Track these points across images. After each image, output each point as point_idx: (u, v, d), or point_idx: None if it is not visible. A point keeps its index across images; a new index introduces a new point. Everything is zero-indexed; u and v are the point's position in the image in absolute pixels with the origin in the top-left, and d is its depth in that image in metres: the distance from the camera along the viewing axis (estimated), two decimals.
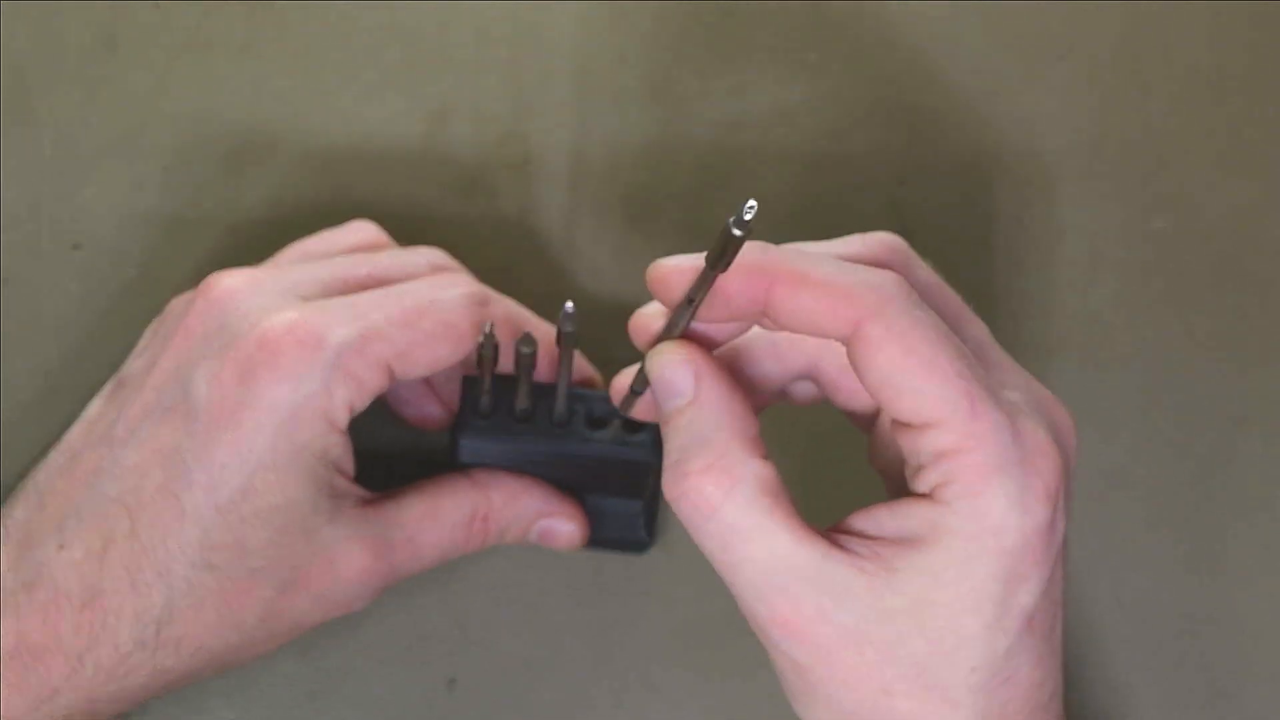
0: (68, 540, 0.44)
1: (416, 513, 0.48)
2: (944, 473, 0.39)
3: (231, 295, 0.46)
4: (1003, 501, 0.39)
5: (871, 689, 0.41)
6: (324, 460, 0.45)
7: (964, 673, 0.40)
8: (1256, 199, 0.59)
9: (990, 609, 0.40)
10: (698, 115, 0.59)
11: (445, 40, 0.59)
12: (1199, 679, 0.53)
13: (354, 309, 0.46)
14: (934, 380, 0.39)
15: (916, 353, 0.39)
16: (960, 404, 0.39)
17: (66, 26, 0.59)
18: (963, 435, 0.39)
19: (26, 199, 0.57)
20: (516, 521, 0.50)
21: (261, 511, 0.44)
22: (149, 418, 0.46)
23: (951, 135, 0.59)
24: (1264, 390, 0.57)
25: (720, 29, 0.60)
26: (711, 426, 0.41)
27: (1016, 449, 0.39)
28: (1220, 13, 0.61)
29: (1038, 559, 0.40)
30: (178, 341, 0.46)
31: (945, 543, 0.40)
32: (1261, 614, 0.54)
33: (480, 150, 0.58)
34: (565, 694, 0.52)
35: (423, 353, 0.46)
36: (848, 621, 0.40)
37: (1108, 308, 0.57)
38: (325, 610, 0.47)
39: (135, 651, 0.44)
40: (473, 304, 0.47)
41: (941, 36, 0.60)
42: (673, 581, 0.54)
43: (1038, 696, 0.42)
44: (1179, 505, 0.55)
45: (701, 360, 0.41)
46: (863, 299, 0.39)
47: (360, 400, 0.45)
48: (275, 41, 0.59)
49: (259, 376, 0.44)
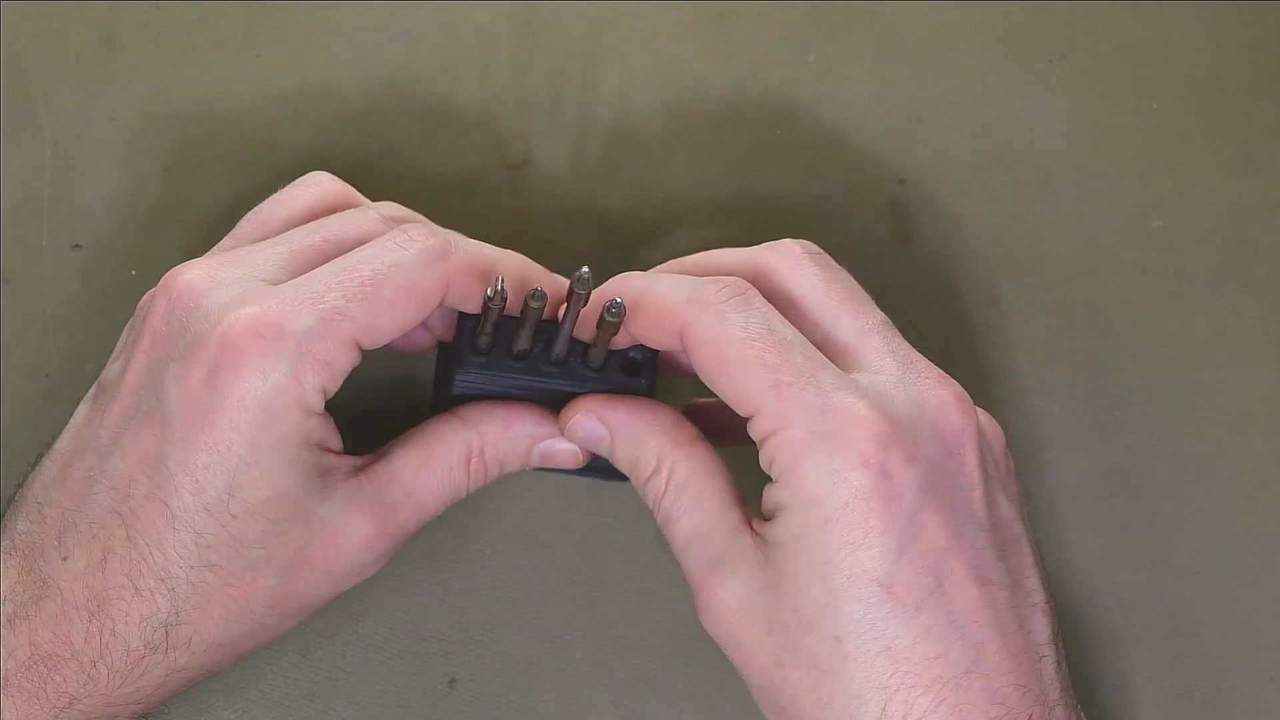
0: (69, 551, 0.44)
1: (410, 465, 0.47)
2: (769, 453, 0.44)
3: (191, 292, 0.45)
4: (814, 472, 0.43)
5: (767, 661, 0.44)
6: (307, 445, 0.45)
7: (830, 642, 0.43)
8: (1256, 199, 0.59)
9: (833, 577, 0.43)
10: (698, 115, 0.59)
11: (445, 40, 0.59)
12: (1199, 679, 0.53)
13: (312, 291, 0.45)
14: (742, 374, 0.44)
15: (725, 353, 0.44)
16: (768, 391, 0.44)
17: (66, 26, 0.59)
18: (774, 418, 0.44)
19: (26, 199, 0.57)
20: (513, 450, 0.49)
21: (252, 506, 0.44)
22: (129, 424, 0.45)
23: (951, 135, 0.59)
24: (1264, 390, 0.57)
25: (720, 29, 0.60)
26: (635, 444, 0.47)
27: (824, 421, 0.43)
28: (1220, 13, 0.61)
29: (871, 525, 0.43)
30: (145, 344, 0.46)
31: (782, 517, 0.44)
32: (1260, 614, 0.54)
33: (480, 150, 0.58)
34: (565, 694, 0.52)
35: (387, 321, 0.45)
36: (740, 592, 0.44)
37: (1108, 308, 0.57)
38: (336, 584, 0.47)
39: (148, 654, 0.44)
40: (432, 261, 0.46)
41: (941, 36, 0.60)
42: (673, 581, 0.54)
43: (939, 670, 0.42)
44: (1179, 505, 0.55)
45: (597, 405, 0.48)
46: (680, 313, 0.45)
47: (331, 382, 0.45)
48: (275, 41, 0.59)
49: (225, 375, 0.44)
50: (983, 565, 0.44)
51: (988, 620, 0.43)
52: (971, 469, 0.45)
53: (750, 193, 0.58)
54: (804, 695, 0.43)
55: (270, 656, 0.52)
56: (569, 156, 0.58)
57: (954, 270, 0.58)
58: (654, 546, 0.54)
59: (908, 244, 0.58)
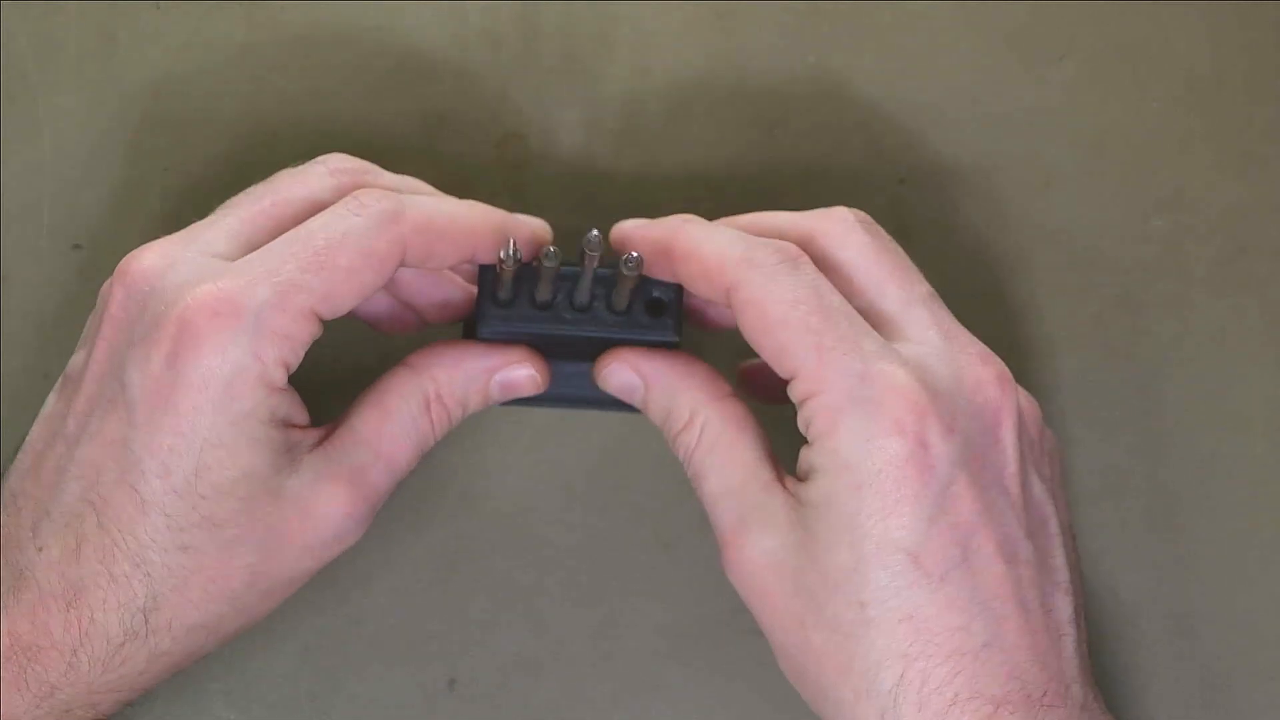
0: (44, 541, 0.45)
1: (371, 424, 0.47)
2: (806, 415, 0.45)
3: (145, 276, 0.45)
4: (849, 437, 0.44)
5: (791, 621, 0.44)
6: (272, 422, 0.45)
7: (854, 607, 0.43)
8: (1256, 199, 0.59)
9: (862, 542, 0.43)
10: (698, 116, 0.59)
11: (445, 40, 0.59)
12: (1198, 678, 0.53)
13: (266, 265, 0.45)
14: (786, 335, 0.44)
15: (771, 313, 0.45)
16: (810, 354, 0.44)
17: (66, 26, 0.59)
18: (813, 381, 0.44)
19: (26, 199, 0.57)
20: (470, 387, 0.48)
21: (221, 486, 0.44)
22: (94, 412, 0.45)
23: (951, 135, 0.59)
24: (1264, 390, 0.57)
25: (720, 29, 0.60)
26: (669, 396, 0.48)
27: (864, 388, 0.44)
28: (1219, 13, 0.61)
29: (903, 494, 0.43)
30: (106, 332, 0.46)
31: (815, 479, 0.44)
32: (1260, 614, 0.54)
33: (480, 150, 0.58)
34: (565, 694, 0.52)
35: (345, 290, 0.45)
36: (769, 549, 0.45)
37: (1108, 308, 0.57)
38: (318, 556, 0.47)
39: (128, 641, 0.44)
40: (385, 224, 0.46)
41: (941, 36, 0.60)
42: (673, 581, 0.54)
43: (959, 642, 0.43)
44: (1179, 505, 0.55)
45: (634, 356, 0.48)
46: (730, 270, 0.45)
47: (293, 355, 0.45)
48: (275, 41, 0.59)
49: (184, 357, 0.44)
50: (1010, 542, 0.44)
51: (1010, 596, 0.44)
52: (1007, 446, 0.45)
53: (750, 193, 0.58)
54: (825, 657, 0.44)
55: (270, 656, 0.52)
56: (569, 157, 0.58)
57: (953, 270, 0.58)
58: (654, 546, 0.54)
59: (908, 244, 0.58)
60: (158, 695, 0.51)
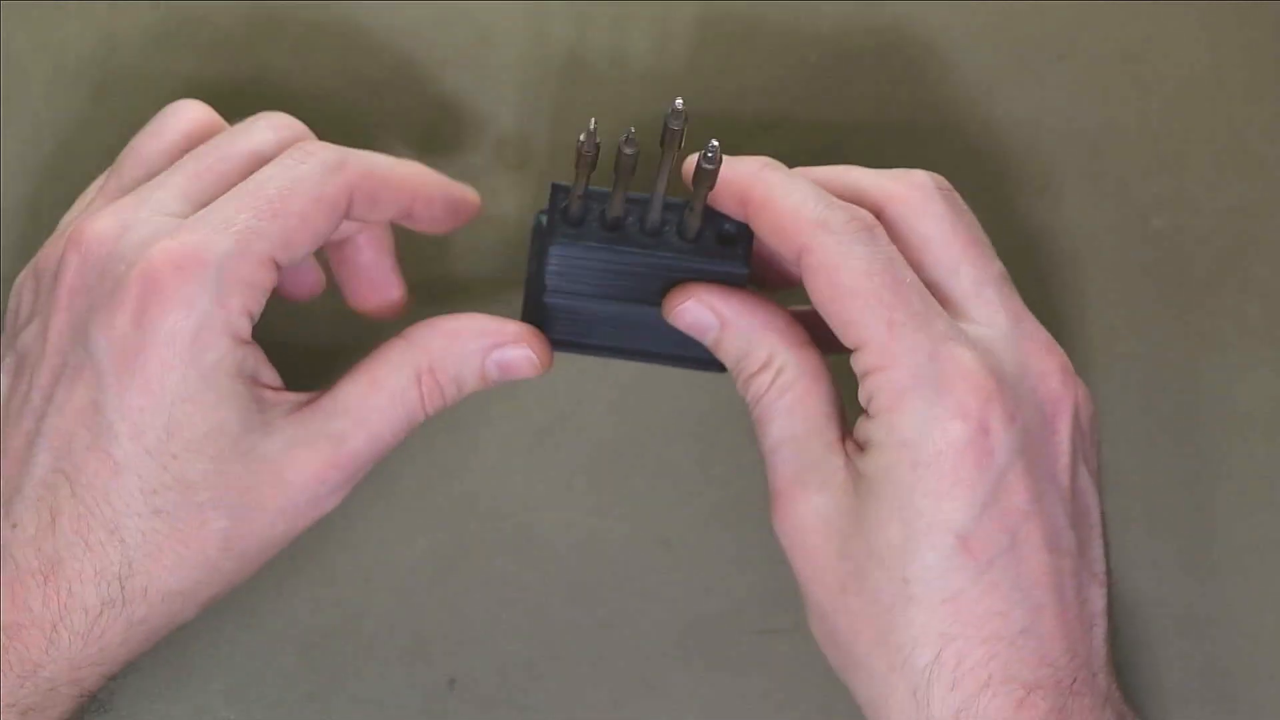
0: (18, 518, 0.44)
1: (357, 392, 0.47)
2: (870, 389, 0.44)
3: (101, 241, 0.46)
4: (912, 416, 0.43)
5: (832, 584, 0.45)
6: (240, 376, 0.45)
7: (898, 582, 0.43)
8: (1256, 199, 0.59)
9: (914, 521, 0.43)
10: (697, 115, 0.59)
11: (445, 40, 0.59)
12: (1199, 679, 0.53)
13: (223, 216, 0.45)
14: (855, 305, 0.44)
15: (843, 280, 0.44)
16: (879, 327, 0.44)
17: (66, 26, 0.59)
18: (880, 354, 0.44)
19: (26, 199, 0.57)
20: (466, 363, 0.48)
21: (192, 444, 0.44)
22: (60, 382, 0.45)
23: (951, 135, 0.59)
24: (1264, 390, 0.57)
25: (720, 29, 0.60)
26: (747, 338, 0.47)
27: (932, 368, 0.43)
28: (1220, 13, 0.61)
29: (960, 478, 0.43)
30: (63, 301, 0.46)
31: (873, 454, 0.44)
32: (1261, 614, 0.54)
33: (480, 150, 0.58)
34: (565, 694, 0.52)
35: (301, 235, 0.46)
36: (822, 510, 0.45)
37: (1108, 308, 0.57)
38: (292, 521, 0.46)
39: (105, 610, 0.44)
40: (332, 170, 0.46)
41: (941, 36, 0.60)
42: (673, 581, 0.54)
43: (996, 627, 0.43)
44: (1179, 505, 0.55)
45: (710, 295, 0.47)
46: (804, 231, 0.45)
47: (255, 303, 0.45)
48: (275, 41, 0.59)
49: (151, 313, 0.44)
50: (1056, 533, 0.45)
51: (1050, 585, 0.44)
52: (1063, 439, 0.46)
53: None
54: (861, 625, 0.44)
55: (270, 656, 0.52)
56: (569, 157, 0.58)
57: None
58: (654, 546, 0.54)
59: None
60: (158, 695, 0.51)
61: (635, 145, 0.45)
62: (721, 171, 0.46)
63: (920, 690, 0.43)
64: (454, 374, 0.48)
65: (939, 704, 0.43)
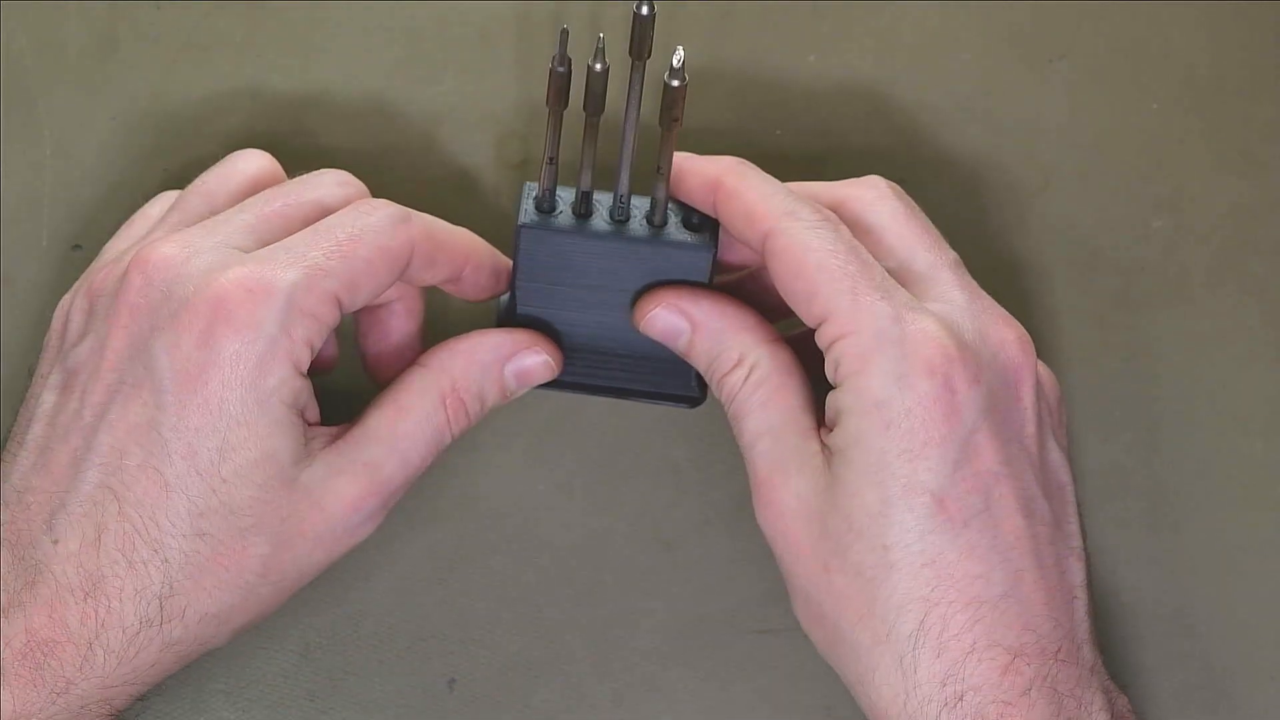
0: (60, 534, 0.45)
1: (386, 420, 0.48)
2: (836, 356, 0.45)
3: (169, 264, 0.46)
4: (880, 377, 0.44)
5: (815, 565, 0.45)
6: (294, 407, 0.46)
7: (879, 550, 0.44)
8: (1256, 199, 0.59)
9: (889, 483, 0.44)
10: (697, 115, 0.59)
11: (445, 40, 0.59)
12: (1199, 679, 0.53)
13: (293, 252, 0.46)
14: (820, 278, 0.45)
15: (808, 259, 0.46)
16: (843, 296, 0.45)
17: (66, 26, 0.59)
18: (845, 322, 0.45)
19: (26, 199, 0.57)
20: (485, 378, 0.49)
21: (242, 469, 0.45)
22: (115, 399, 0.46)
23: (951, 135, 0.59)
24: (1264, 391, 0.57)
25: (720, 29, 0.60)
26: (718, 339, 0.48)
27: (896, 330, 0.45)
28: (1220, 13, 0.61)
29: (930, 437, 0.44)
30: (122, 319, 0.46)
31: (844, 421, 0.45)
32: (1261, 614, 0.54)
33: (480, 150, 0.58)
34: (565, 694, 0.52)
35: (365, 280, 0.47)
36: (801, 493, 0.46)
37: (1108, 308, 0.57)
38: (329, 549, 0.47)
39: (143, 630, 0.44)
40: (398, 224, 0.47)
41: (941, 36, 0.60)
42: (673, 581, 0.54)
43: (978, 590, 0.44)
44: (1179, 505, 0.55)
45: (678, 298, 0.49)
46: (770, 215, 0.47)
47: (318, 337, 0.46)
48: (275, 41, 0.59)
49: (218, 334, 0.45)
50: (1029, 498, 0.45)
51: (1028, 550, 0.45)
52: (1027, 406, 0.46)
53: None
54: (845, 601, 0.45)
55: (270, 656, 0.52)
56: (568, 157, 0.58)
57: None
58: (654, 546, 0.54)
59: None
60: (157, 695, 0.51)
61: (604, 60, 0.46)
62: (694, 164, 0.48)
63: (906, 658, 0.44)
64: (476, 391, 0.49)
65: (925, 670, 0.43)
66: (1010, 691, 0.43)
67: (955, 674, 0.43)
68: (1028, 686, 0.43)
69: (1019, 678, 0.43)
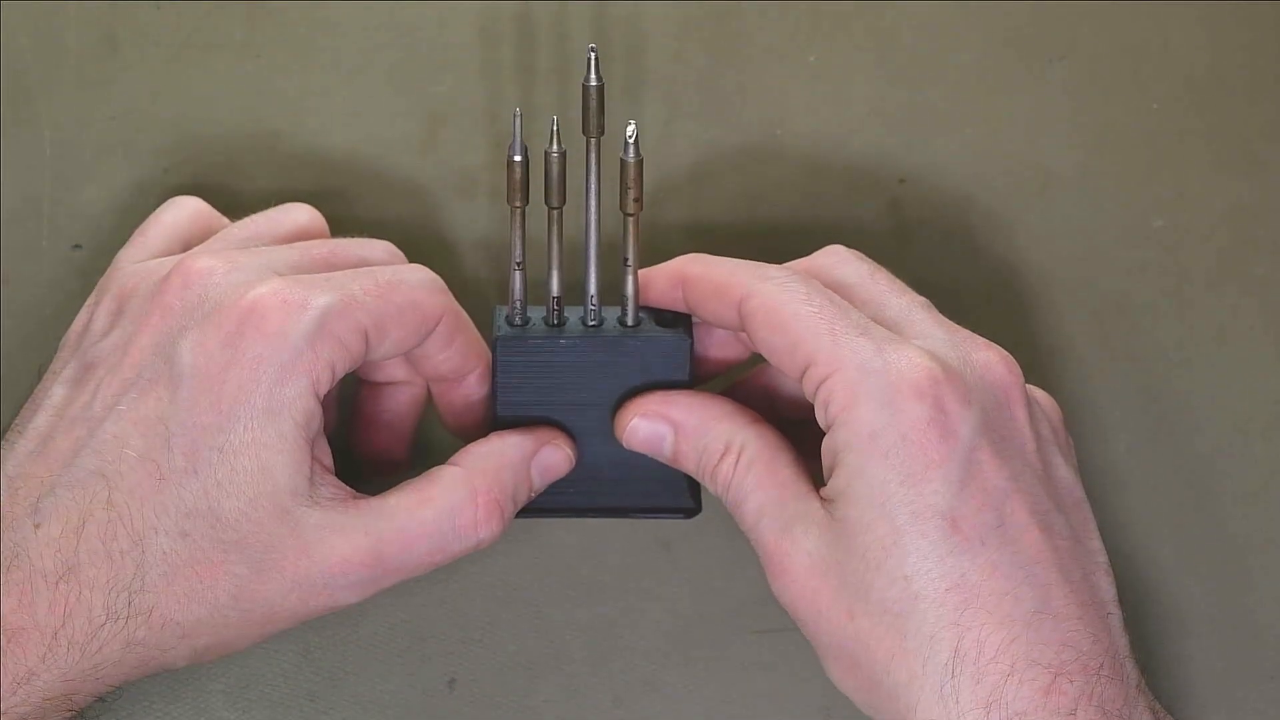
0: (44, 519, 0.45)
1: (406, 504, 0.47)
2: (824, 398, 0.45)
3: (210, 272, 0.47)
4: (869, 407, 0.44)
5: (839, 615, 0.44)
6: (303, 429, 0.45)
7: (900, 582, 0.43)
8: (1256, 199, 0.59)
9: (897, 512, 0.44)
10: (697, 115, 0.59)
11: (445, 40, 0.59)
12: (1199, 679, 0.53)
13: (332, 280, 0.47)
14: (798, 326, 0.46)
15: (784, 311, 0.46)
16: (823, 338, 0.45)
17: (66, 26, 0.59)
18: (829, 361, 0.45)
19: (26, 199, 0.57)
20: (514, 476, 0.49)
21: (237, 476, 0.45)
22: (129, 392, 0.46)
23: (951, 135, 0.59)
24: (1264, 390, 0.57)
25: (720, 29, 0.60)
26: (702, 434, 0.48)
27: (880, 361, 0.45)
28: (1220, 13, 0.61)
29: (931, 459, 0.44)
30: (154, 316, 0.47)
31: (841, 459, 0.45)
32: (1260, 614, 0.54)
33: (480, 150, 0.58)
34: (565, 694, 0.52)
35: (395, 326, 0.47)
36: (812, 550, 0.45)
37: (1108, 308, 0.57)
38: (304, 598, 0.46)
39: (108, 623, 0.44)
40: (436, 288, 0.48)
41: (941, 36, 0.60)
42: (673, 581, 0.54)
43: (1008, 608, 0.43)
44: (1179, 505, 0.55)
45: (655, 404, 0.49)
46: (741, 283, 0.47)
47: (341, 364, 0.46)
48: (275, 41, 0.59)
49: (246, 336, 0.45)
50: (1043, 513, 0.45)
51: (1052, 564, 0.44)
52: (1022, 422, 0.46)
53: (751, 194, 0.58)
54: (876, 642, 0.44)
55: (270, 656, 0.52)
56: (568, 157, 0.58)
57: (953, 270, 0.58)
58: (654, 546, 0.54)
59: (908, 244, 0.58)
60: (158, 695, 0.51)
61: (560, 144, 0.48)
62: (654, 269, 0.49)
63: (946, 688, 0.43)
64: (510, 491, 0.49)
65: (967, 699, 0.42)
66: (1056, 713, 0.42)
67: (998, 699, 0.42)
68: (1073, 707, 0.42)
69: (1063, 698, 0.42)
